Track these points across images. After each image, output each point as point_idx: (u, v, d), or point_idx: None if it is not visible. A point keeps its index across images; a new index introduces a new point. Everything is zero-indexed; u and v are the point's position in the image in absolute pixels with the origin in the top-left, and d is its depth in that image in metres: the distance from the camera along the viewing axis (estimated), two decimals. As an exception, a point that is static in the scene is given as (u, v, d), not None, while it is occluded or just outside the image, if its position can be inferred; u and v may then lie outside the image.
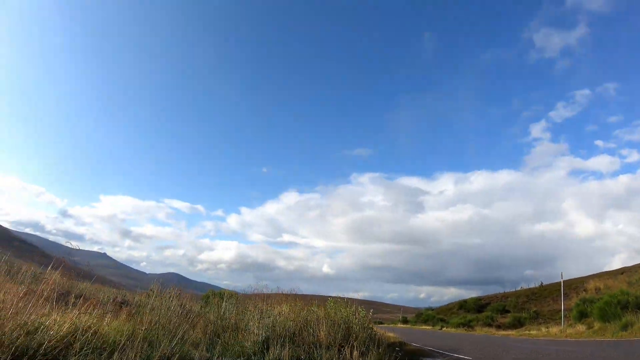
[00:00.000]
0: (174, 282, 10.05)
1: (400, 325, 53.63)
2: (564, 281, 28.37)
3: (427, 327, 42.78)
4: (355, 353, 8.44)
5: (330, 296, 11.17)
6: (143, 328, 5.69)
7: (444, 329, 39.20)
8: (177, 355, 5.50)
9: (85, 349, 4.42)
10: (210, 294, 14.62)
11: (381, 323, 52.72)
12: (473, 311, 45.36)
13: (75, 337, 4.49)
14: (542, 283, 47.90)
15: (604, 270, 44.34)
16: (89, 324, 4.87)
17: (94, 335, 4.68)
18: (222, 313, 9.34)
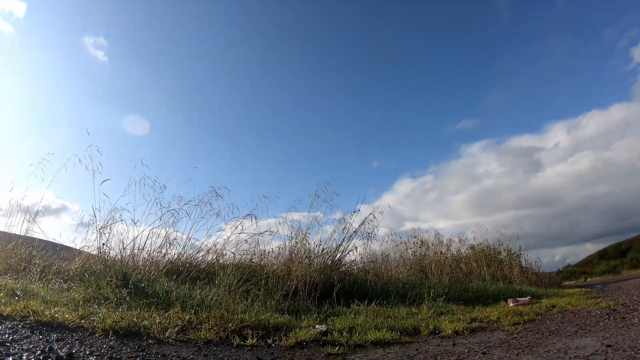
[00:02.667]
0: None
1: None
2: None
3: (570, 282, 44.26)
4: (516, 269, 15.13)
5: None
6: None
7: (588, 279, 40.59)
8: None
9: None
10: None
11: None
12: (615, 258, 45.51)
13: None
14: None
15: None
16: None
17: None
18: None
